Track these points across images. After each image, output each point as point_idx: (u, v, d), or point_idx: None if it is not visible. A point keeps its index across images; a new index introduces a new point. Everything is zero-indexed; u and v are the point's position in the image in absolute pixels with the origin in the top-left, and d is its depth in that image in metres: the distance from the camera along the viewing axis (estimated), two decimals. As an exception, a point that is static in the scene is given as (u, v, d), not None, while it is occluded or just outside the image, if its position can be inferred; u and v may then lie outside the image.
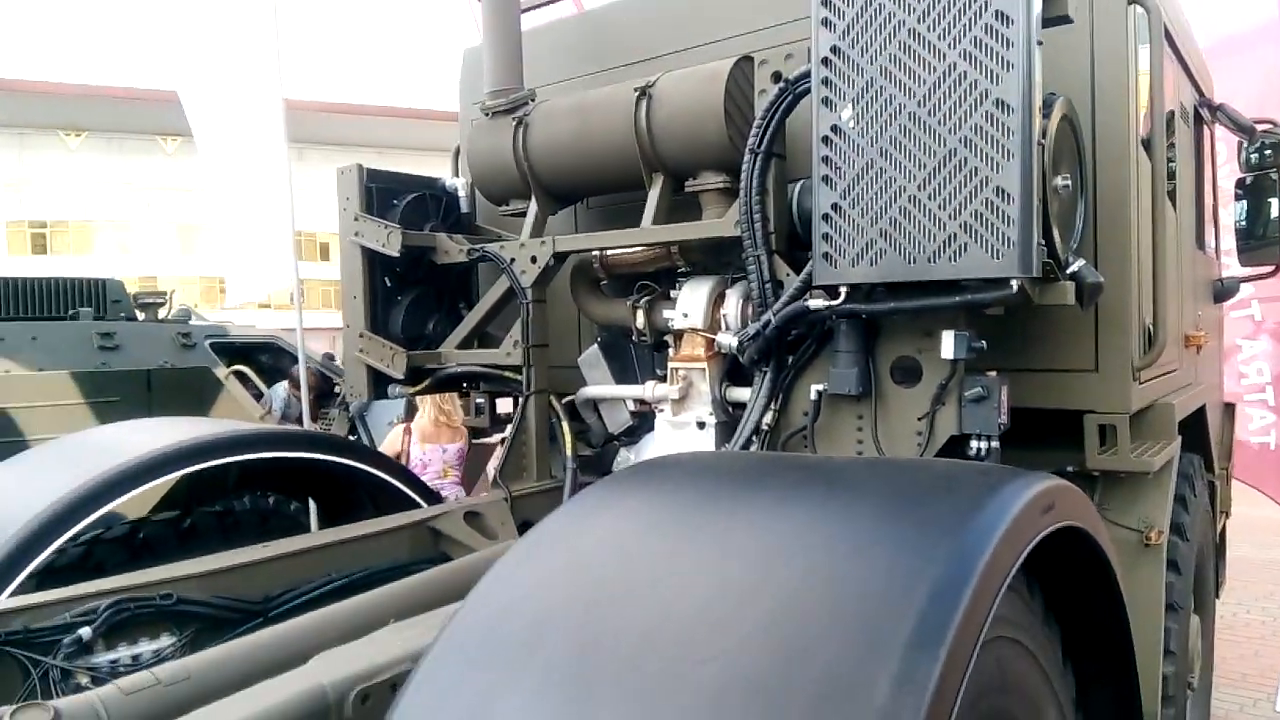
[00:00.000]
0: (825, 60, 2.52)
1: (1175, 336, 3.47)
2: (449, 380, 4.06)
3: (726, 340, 3.10)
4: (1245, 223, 4.77)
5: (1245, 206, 4.74)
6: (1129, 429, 2.83)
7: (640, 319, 3.43)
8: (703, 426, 3.25)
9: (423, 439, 5.91)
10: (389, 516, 3.28)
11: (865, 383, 2.74)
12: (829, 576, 1.49)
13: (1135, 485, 2.96)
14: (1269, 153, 4.53)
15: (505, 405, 4.45)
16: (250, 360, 8.68)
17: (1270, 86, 6.48)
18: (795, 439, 2.96)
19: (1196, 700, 3.80)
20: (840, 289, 2.60)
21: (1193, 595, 3.38)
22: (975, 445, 2.63)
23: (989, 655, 1.49)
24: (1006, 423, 2.62)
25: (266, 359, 9.19)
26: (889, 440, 2.75)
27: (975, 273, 2.36)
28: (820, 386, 2.85)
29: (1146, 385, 3.02)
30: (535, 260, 3.57)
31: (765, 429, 2.97)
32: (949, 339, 2.54)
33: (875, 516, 1.66)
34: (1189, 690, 3.40)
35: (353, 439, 6.53)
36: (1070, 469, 2.86)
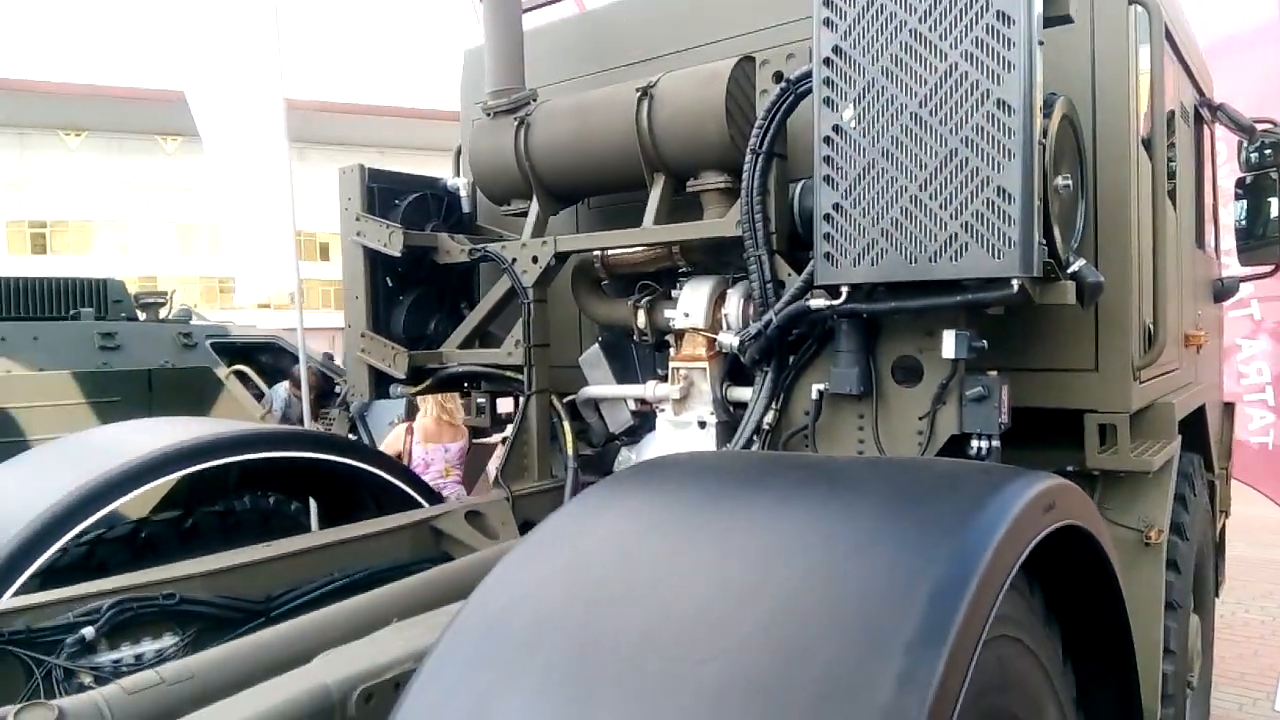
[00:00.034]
0: (827, 60, 2.53)
1: (1175, 336, 3.48)
2: (450, 380, 4.06)
3: (728, 340, 3.11)
4: (1245, 222, 4.77)
5: (1245, 206, 4.74)
6: (1129, 428, 2.83)
7: (641, 319, 3.44)
8: (704, 426, 3.25)
9: (425, 438, 5.91)
10: (390, 516, 3.28)
11: (866, 382, 2.74)
12: (830, 576, 1.49)
13: (1135, 484, 2.96)
14: (1269, 152, 4.54)
15: (505, 405, 4.46)
16: (251, 360, 8.68)
17: (1270, 86, 6.49)
18: (796, 438, 2.96)
19: (1196, 699, 3.81)
20: (841, 289, 2.60)
21: (1192, 594, 3.38)
22: (976, 444, 2.63)
23: (990, 654, 1.49)
24: (1007, 422, 2.62)
25: (267, 359, 9.18)
26: (890, 440, 2.75)
27: (976, 272, 2.36)
28: (821, 386, 2.86)
29: (1146, 385, 3.02)
30: (537, 260, 3.58)
31: (766, 428, 2.98)
32: (950, 338, 2.54)
33: (877, 516, 1.66)
34: (1188, 689, 3.40)
35: (353, 439, 6.53)
36: (1070, 468, 2.86)
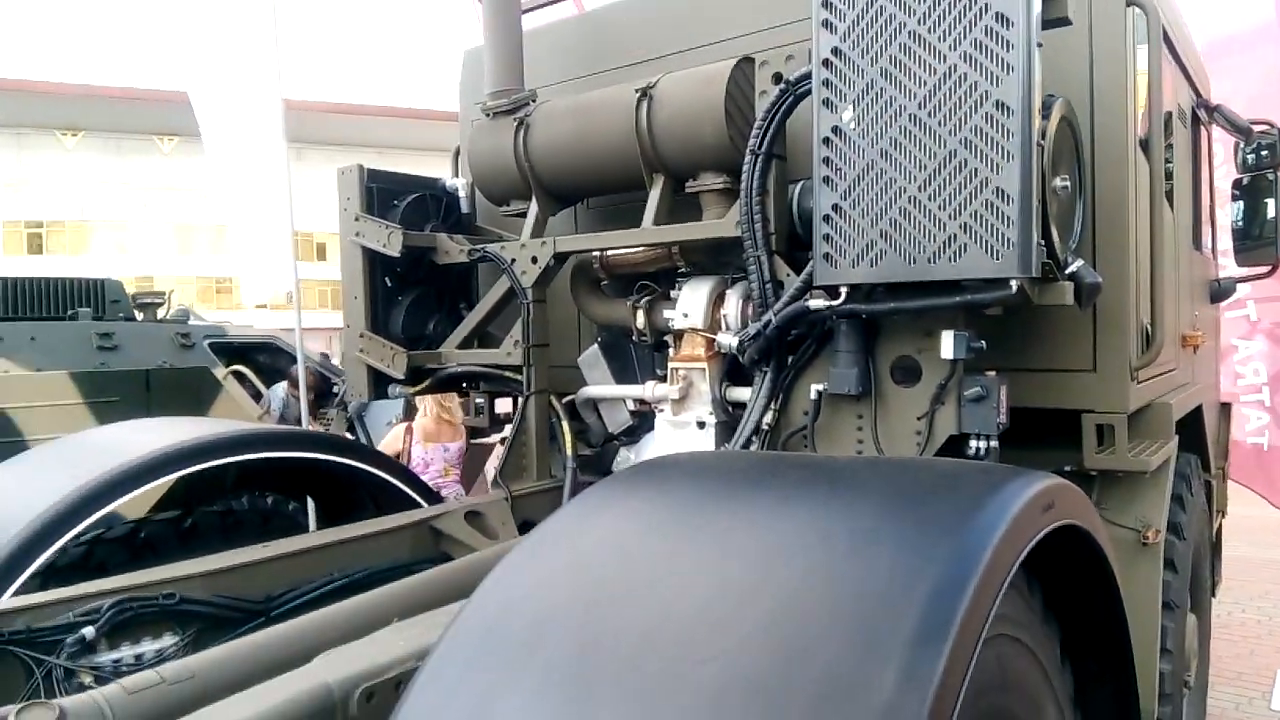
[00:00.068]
0: (826, 62, 2.53)
1: (1172, 337, 3.48)
2: (449, 380, 4.06)
3: (727, 340, 3.11)
4: (1242, 223, 4.79)
5: (1242, 207, 4.76)
6: (1127, 429, 2.84)
7: (640, 319, 3.44)
8: (703, 426, 3.25)
9: (425, 438, 5.91)
10: (390, 516, 3.28)
11: (865, 382, 2.75)
12: (830, 575, 1.49)
13: (1133, 484, 2.97)
14: (1265, 153, 4.55)
15: (503, 405, 4.46)
16: (249, 360, 8.68)
17: (1268, 87, 6.51)
18: (795, 438, 2.97)
19: (1193, 698, 3.82)
20: (840, 289, 2.61)
21: (1189, 594, 3.39)
22: (974, 445, 2.63)
23: (990, 653, 1.50)
24: (1005, 422, 2.62)
25: (265, 359, 9.18)
26: (889, 440, 2.76)
27: (975, 273, 2.37)
28: (820, 386, 2.86)
29: (1144, 385, 3.03)
30: (536, 260, 3.58)
31: (765, 429, 2.98)
32: (949, 339, 2.55)
33: (877, 515, 1.66)
34: (1185, 688, 3.41)
35: (351, 439, 6.53)
36: (1068, 468, 2.86)
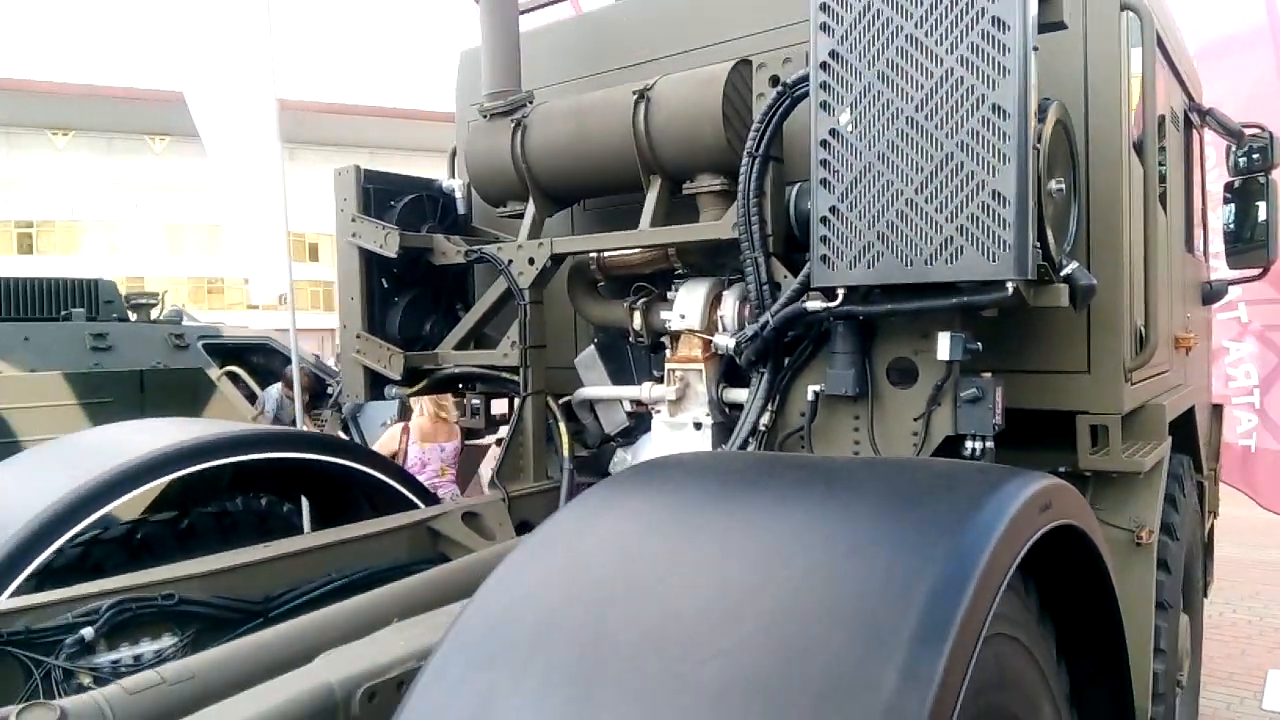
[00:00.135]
0: (824, 64, 2.55)
1: (1166, 338, 3.50)
2: (446, 381, 4.06)
3: (723, 341, 3.12)
4: (1233, 226, 4.82)
5: (1233, 210, 4.79)
6: (1120, 430, 2.85)
7: (637, 320, 3.45)
8: (699, 427, 3.26)
9: (421, 438, 5.91)
10: (388, 517, 3.29)
11: (862, 383, 2.76)
12: (830, 575, 1.50)
13: (1127, 485, 2.99)
14: (1257, 157, 4.59)
15: (499, 406, 4.46)
16: (243, 361, 8.67)
17: (1259, 91, 6.55)
18: (792, 439, 2.98)
19: (1185, 698, 3.84)
20: (838, 291, 2.62)
21: (1182, 594, 3.42)
22: (970, 445, 2.64)
23: (989, 652, 1.51)
24: (1001, 423, 2.64)
25: (259, 360, 9.17)
26: (885, 440, 2.77)
27: (971, 275, 2.38)
28: (817, 387, 2.87)
29: (1138, 386, 3.05)
30: (533, 262, 3.59)
31: (762, 430, 2.99)
32: (945, 340, 2.56)
33: (876, 515, 1.67)
34: (1178, 688, 3.43)
35: (346, 439, 6.51)
36: (1062, 469, 2.88)
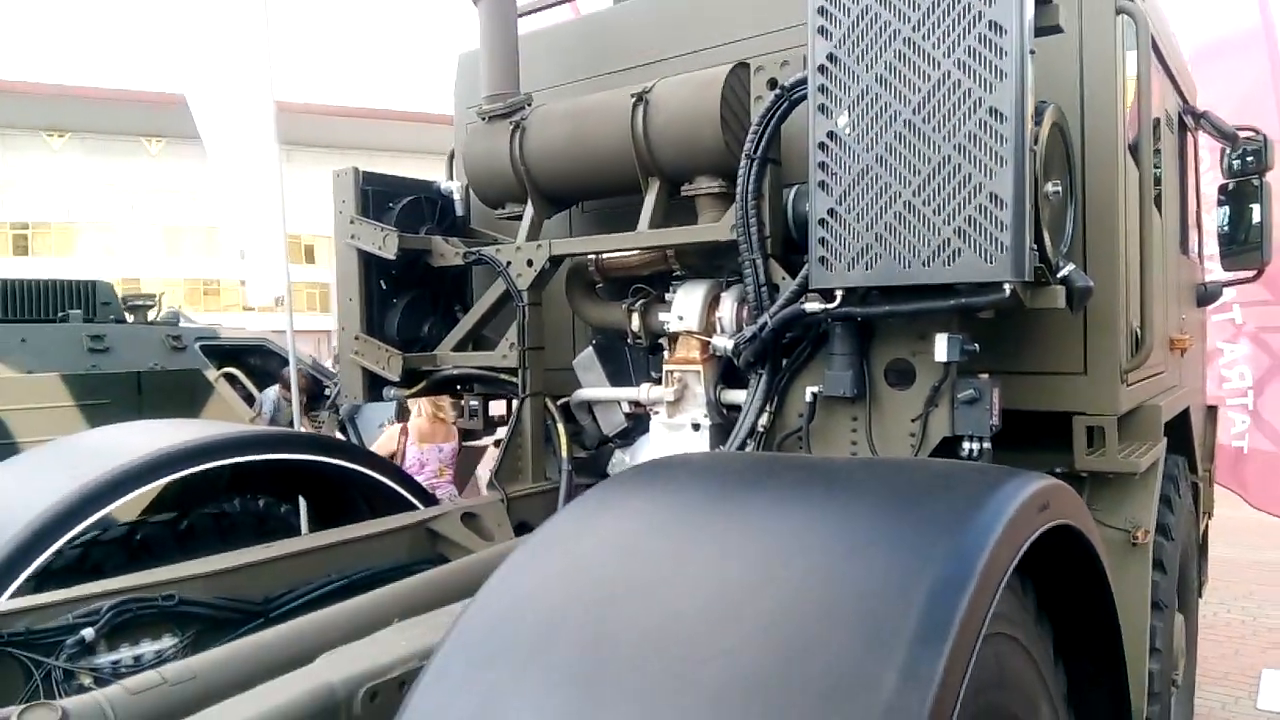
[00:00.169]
0: (821, 68, 2.56)
1: (1161, 340, 3.52)
2: (445, 382, 4.07)
3: (722, 343, 3.13)
4: (1227, 228, 4.85)
5: (1227, 212, 4.82)
6: (1116, 430, 2.87)
7: (635, 322, 3.46)
8: (698, 429, 3.27)
9: (420, 438, 5.92)
10: (387, 518, 3.29)
11: (860, 385, 2.77)
12: (830, 575, 1.50)
13: (1122, 486, 3.01)
14: (1250, 159, 4.61)
15: (496, 408, 4.47)
16: (240, 363, 8.66)
17: (1253, 94, 6.58)
18: (790, 440, 2.99)
19: (1180, 697, 3.86)
20: (836, 292, 2.63)
21: (1177, 594, 3.43)
22: (967, 446, 2.66)
23: (988, 651, 1.51)
24: (998, 424, 2.66)
25: (256, 361, 9.16)
26: (883, 441, 2.78)
27: (969, 277, 2.40)
28: (815, 388, 2.88)
29: (1134, 387, 3.06)
30: (531, 263, 3.60)
31: (760, 431, 2.99)
32: (942, 342, 2.58)
33: (875, 515, 1.68)
34: (1174, 688, 3.44)
35: (344, 440, 6.52)
36: (1058, 470, 2.89)
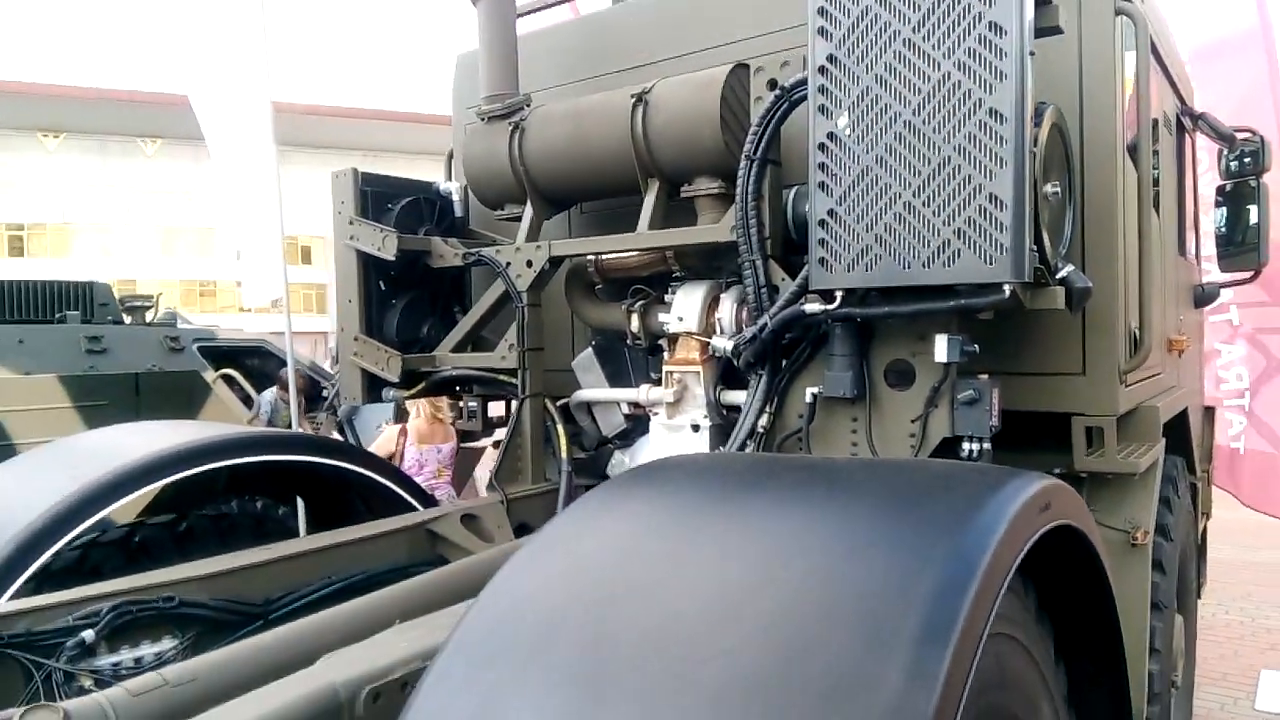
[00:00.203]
0: (822, 69, 2.56)
1: (1159, 341, 3.53)
2: (444, 383, 4.07)
3: (721, 344, 3.13)
4: (1225, 229, 4.86)
5: (1225, 213, 4.83)
6: (1115, 431, 2.87)
7: (635, 323, 3.47)
8: (697, 429, 3.28)
9: (419, 439, 5.91)
10: (387, 519, 3.28)
11: (860, 385, 2.77)
12: (832, 575, 1.50)
13: (1121, 486, 3.01)
14: (1248, 160, 4.62)
15: (495, 409, 4.47)
16: (238, 364, 8.65)
17: (1250, 95, 6.59)
18: (790, 441, 2.99)
19: (1180, 698, 3.86)
20: (835, 293, 2.64)
21: (1176, 595, 3.43)
22: (967, 447, 2.66)
23: (990, 651, 1.51)
24: (998, 425, 2.66)
25: (254, 362, 9.15)
26: (883, 442, 2.79)
27: (968, 278, 2.40)
28: (815, 389, 2.89)
29: (1132, 388, 3.07)
30: (530, 264, 3.60)
31: (760, 432, 3.00)
32: (942, 342, 2.58)
33: (876, 516, 1.68)
34: (1173, 688, 3.45)
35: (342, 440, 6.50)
36: (1058, 471, 2.90)
